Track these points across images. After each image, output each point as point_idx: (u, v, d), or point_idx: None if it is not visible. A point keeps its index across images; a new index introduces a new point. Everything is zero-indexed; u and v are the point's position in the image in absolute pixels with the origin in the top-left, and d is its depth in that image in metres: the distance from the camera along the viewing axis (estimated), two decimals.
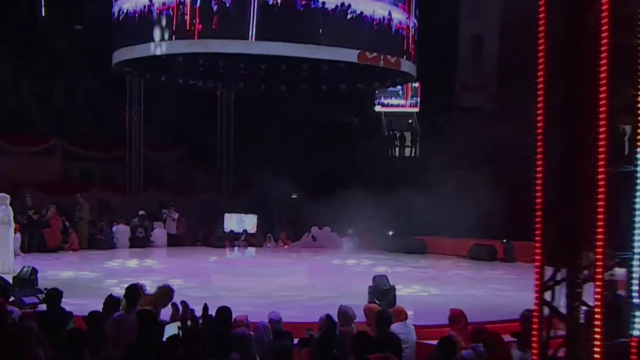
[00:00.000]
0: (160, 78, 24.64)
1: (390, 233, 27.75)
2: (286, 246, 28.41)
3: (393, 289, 13.77)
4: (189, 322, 7.14)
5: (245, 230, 28.60)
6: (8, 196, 18.71)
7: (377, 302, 12.05)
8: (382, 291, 13.46)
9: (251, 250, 25.67)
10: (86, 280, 17.61)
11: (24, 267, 14.29)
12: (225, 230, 28.59)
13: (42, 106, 30.20)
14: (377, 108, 34.05)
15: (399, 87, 31.48)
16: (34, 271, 14.27)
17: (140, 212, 27.72)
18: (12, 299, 11.33)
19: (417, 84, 31.83)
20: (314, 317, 9.65)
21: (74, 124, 30.07)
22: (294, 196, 30.90)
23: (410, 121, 33.43)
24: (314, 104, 30.29)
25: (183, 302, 8.31)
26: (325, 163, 29.86)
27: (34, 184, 26.86)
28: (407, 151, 32.59)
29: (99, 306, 9.71)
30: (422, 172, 26.42)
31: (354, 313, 9.33)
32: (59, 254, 23.98)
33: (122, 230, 27.01)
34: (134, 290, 9.58)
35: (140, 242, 27.04)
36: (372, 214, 24.83)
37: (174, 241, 27.99)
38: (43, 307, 10.92)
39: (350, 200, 25.26)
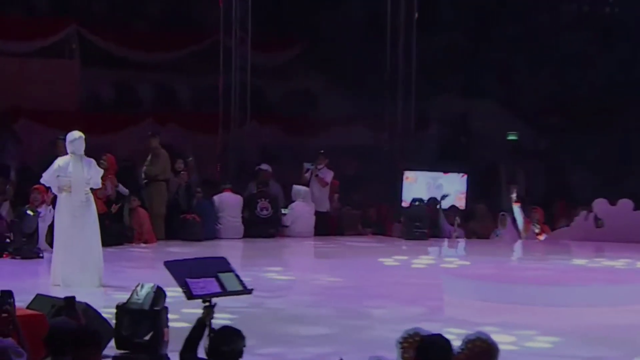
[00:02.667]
0: None
1: None
2: (540, 236, 17.31)
3: None
4: None
5: (439, 204, 17.87)
6: (81, 135, 11.45)
7: None
8: None
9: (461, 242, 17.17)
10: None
11: (139, 285, 8.14)
12: (424, 203, 17.37)
13: None
14: None
15: None
16: (161, 294, 7.92)
17: (264, 167, 17.36)
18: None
19: None
20: None
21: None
22: (511, 137, 22.06)
23: None
24: None
25: None
26: (570, 82, 21.53)
27: (33, 112, 19.32)
28: None
29: None
30: None
31: None
32: (119, 248, 14.72)
33: (231, 204, 16.46)
34: (442, 349, 5.47)
35: (263, 227, 16.78)
36: None
37: (323, 225, 17.19)
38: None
39: None
